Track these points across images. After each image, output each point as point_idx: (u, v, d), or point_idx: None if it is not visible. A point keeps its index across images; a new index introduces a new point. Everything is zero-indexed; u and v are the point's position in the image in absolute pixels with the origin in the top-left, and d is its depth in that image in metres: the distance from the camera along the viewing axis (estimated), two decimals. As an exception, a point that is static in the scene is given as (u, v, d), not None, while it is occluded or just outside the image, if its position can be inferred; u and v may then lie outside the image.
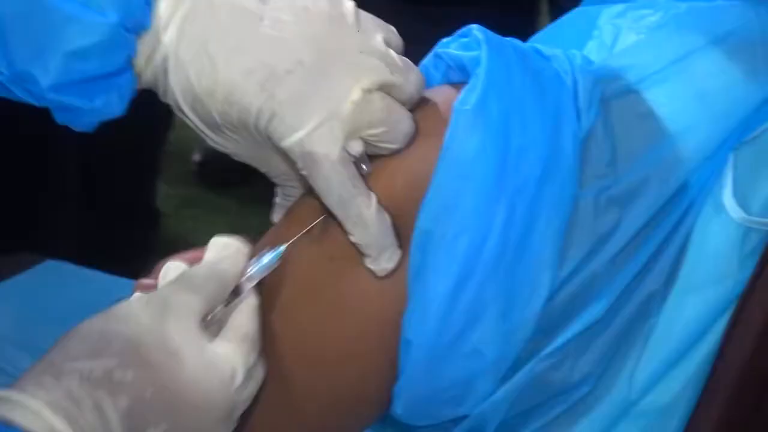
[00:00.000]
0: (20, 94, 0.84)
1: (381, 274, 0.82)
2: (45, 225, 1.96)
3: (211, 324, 0.79)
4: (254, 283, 0.82)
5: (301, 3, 0.83)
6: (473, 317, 0.81)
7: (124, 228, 2.08)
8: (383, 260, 0.82)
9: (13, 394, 0.71)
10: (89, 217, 2.05)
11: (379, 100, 0.82)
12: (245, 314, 0.80)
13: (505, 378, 0.83)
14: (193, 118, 0.84)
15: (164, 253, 0.84)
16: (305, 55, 0.81)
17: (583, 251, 0.83)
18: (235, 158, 0.89)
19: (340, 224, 0.82)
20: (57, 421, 0.70)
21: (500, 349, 0.82)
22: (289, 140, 0.81)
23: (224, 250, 0.82)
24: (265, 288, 0.83)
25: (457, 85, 0.85)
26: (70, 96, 0.83)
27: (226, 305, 0.80)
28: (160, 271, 0.83)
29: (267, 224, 0.90)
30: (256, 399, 0.80)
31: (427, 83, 0.86)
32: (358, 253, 0.82)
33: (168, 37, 0.83)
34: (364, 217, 0.81)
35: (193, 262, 0.82)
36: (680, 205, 0.85)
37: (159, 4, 0.83)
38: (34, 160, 0.87)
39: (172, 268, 0.82)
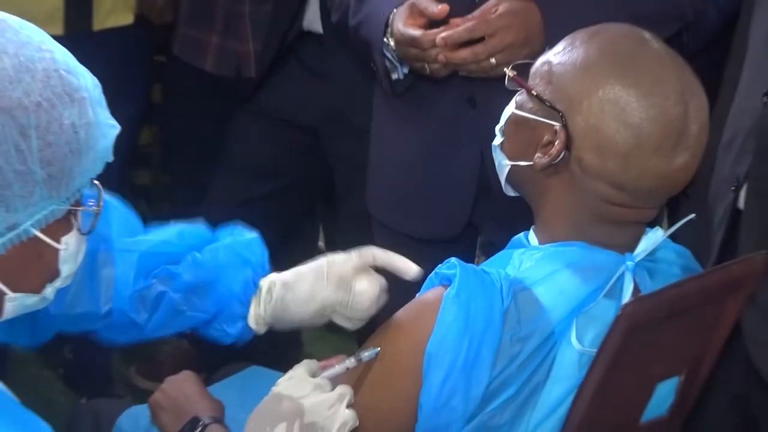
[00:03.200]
0: (223, 322, 1.81)
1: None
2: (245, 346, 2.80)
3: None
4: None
5: None
6: (452, 393, 1.63)
7: (279, 354, 2.81)
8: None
9: None
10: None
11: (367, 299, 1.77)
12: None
13: (467, 422, 1.64)
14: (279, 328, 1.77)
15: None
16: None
17: (503, 363, 1.63)
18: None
19: None
20: None
21: (464, 409, 1.63)
22: (338, 316, 1.72)
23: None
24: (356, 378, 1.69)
25: (446, 285, 1.68)
26: (242, 307, 1.78)
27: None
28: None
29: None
30: None
31: (431, 286, 1.72)
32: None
33: (273, 289, 1.78)
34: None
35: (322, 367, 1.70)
36: (550, 342, 1.64)
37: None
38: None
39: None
